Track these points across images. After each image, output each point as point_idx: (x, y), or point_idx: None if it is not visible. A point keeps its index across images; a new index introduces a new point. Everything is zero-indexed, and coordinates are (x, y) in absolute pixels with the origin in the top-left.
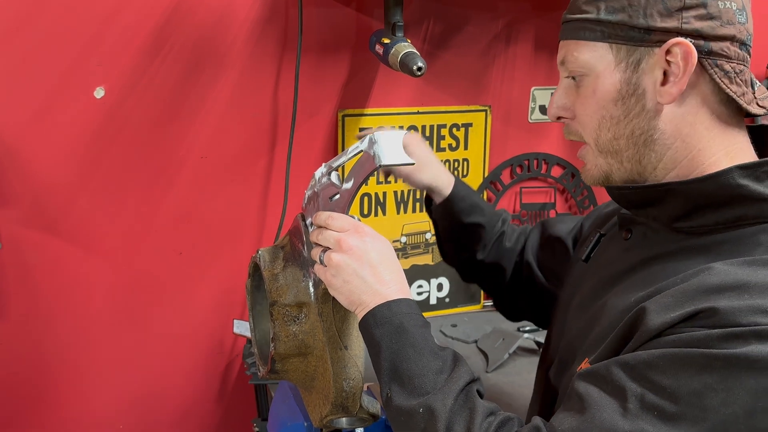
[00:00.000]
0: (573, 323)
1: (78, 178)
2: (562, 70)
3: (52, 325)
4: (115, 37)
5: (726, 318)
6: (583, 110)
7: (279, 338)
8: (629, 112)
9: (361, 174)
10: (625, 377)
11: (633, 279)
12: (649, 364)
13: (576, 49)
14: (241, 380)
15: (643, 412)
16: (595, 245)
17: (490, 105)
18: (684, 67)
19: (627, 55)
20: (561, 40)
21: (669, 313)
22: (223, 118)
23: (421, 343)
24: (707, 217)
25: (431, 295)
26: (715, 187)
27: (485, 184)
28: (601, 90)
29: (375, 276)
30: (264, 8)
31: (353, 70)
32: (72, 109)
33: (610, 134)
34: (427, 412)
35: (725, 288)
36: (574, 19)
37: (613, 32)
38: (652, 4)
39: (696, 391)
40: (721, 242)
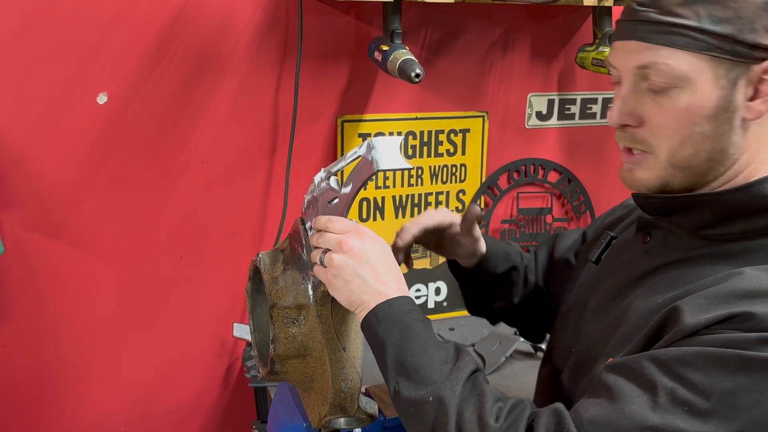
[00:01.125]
0: (590, 327)
1: (81, 182)
2: (634, 74)
3: (55, 327)
4: (118, 43)
5: (762, 323)
6: (665, 122)
7: (278, 340)
8: (719, 128)
9: (359, 179)
10: (657, 371)
11: (656, 281)
12: (681, 360)
13: (671, 57)
14: (240, 383)
15: (673, 407)
16: (606, 247)
17: (488, 111)
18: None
19: (728, 71)
20: (636, 41)
21: (703, 314)
22: (224, 123)
23: (424, 336)
24: (736, 226)
25: (429, 299)
26: (748, 197)
27: (482, 189)
28: (697, 106)
29: (375, 276)
30: (265, 16)
31: (352, 76)
32: (75, 114)
33: (692, 150)
34: (437, 401)
35: (759, 294)
36: (665, 22)
37: (718, 45)
38: (759, 18)
39: (729, 390)
40: (747, 250)
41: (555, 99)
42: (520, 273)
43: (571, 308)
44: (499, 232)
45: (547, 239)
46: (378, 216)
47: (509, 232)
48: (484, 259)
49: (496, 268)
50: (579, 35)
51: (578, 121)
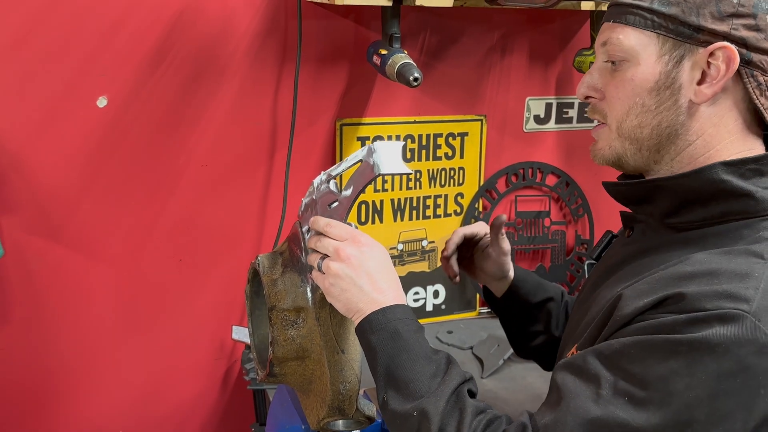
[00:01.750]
0: (572, 318)
1: (81, 185)
2: (601, 52)
3: (54, 330)
4: (118, 47)
5: (692, 303)
6: (615, 93)
7: (277, 342)
8: (661, 104)
9: (360, 182)
10: (600, 366)
11: (624, 271)
12: (620, 353)
13: (622, 33)
14: (239, 386)
15: (614, 398)
16: (606, 246)
17: (486, 115)
18: (725, 71)
19: (672, 48)
20: (605, 22)
21: (642, 299)
22: (223, 127)
23: (416, 347)
24: (695, 213)
25: (427, 302)
26: (700, 182)
27: (481, 192)
28: (640, 77)
29: (372, 284)
30: (264, 20)
31: (351, 80)
32: (75, 118)
33: (636, 121)
34: (421, 415)
35: (696, 275)
36: (624, 3)
37: (663, 24)
38: (706, 4)
39: (662, 376)
40: (706, 236)
41: (553, 102)
42: (558, 305)
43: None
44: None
45: None
46: (377, 219)
47: (507, 235)
48: (515, 285)
49: (530, 296)
50: (576, 39)
51: (576, 125)
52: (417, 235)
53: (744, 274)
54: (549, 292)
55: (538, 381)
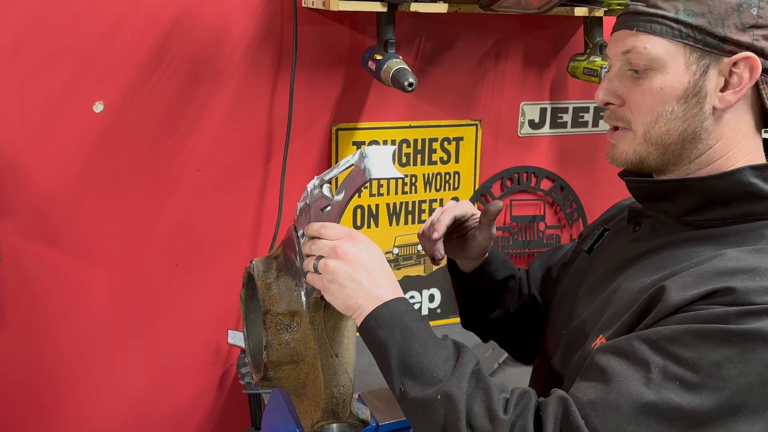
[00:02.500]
0: (581, 308)
1: (77, 190)
2: (621, 59)
3: (51, 334)
4: (115, 52)
5: (742, 297)
6: (641, 101)
7: (271, 346)
8: (688, 111)
9: (351, 187)
10: (648, 350)
11: (644, 264)
12: (670, 339)
13: (648, 42)
14: (235, 390)
15: (666, 382)
16: (599, 238)
17: (481, 119)
18: (748, 79)
19: (699, 58)
20: (624, 30)
21: (688, 291)
22: (219, 131)
23: (425, 335)
24: (716, 212)
25: (423, 306)
26: (729, 184)
27: (476, 196)
28: (669, 87)
29: (370, 280)
30: (260, 25)
31: (347, 85)
32: (72, 122)
33: (664, 128)
34: (445, 398)
35: (739, 271)
36: (647, 12)
37: (690, 34)
38: (730, 16)
39: (716, 362)
40: (728, 234)
41: (547, 107)
42: (516, 282)
43: (563, 296)
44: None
45: (542, 254)
46: (372, 223)
47: (503, 239)
48: (486, 263)
49: (497, 274)
50: (570, 45)
51: (570, 129)
52: (412, 239)
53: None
54: (511, 269)
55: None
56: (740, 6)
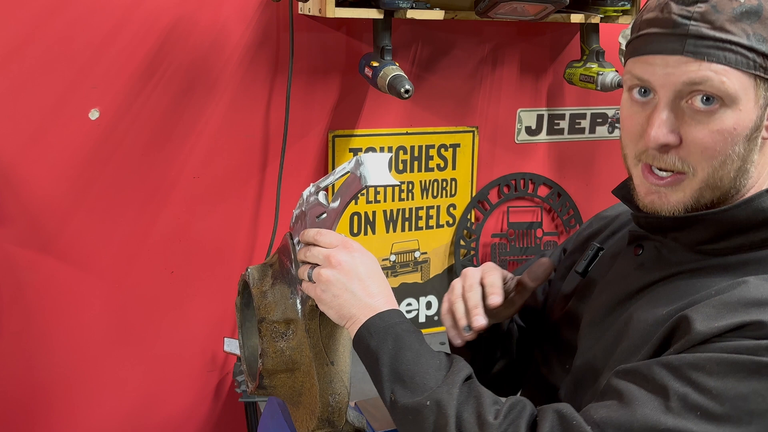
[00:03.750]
0: (587, 342)
1: (72, 198)
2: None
3: (45, 343)
4: (110, 60)
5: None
6: (709, 142)
7: (267, 354)
8: (752, 149)
9: (347, 194)
10: (669, 376)
11: (655, 294)
12: (694, 366)
13: (725, 75)
14: (231, 398)
15: (686, 411)
16: (593, 258)
17: (478, 126)
18: None
19: (766, 90)
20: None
21: (714, 322)
22: (215, 139)
23: (417, 345)
24: (733, 241)
25: (420, 313)
26: (749, 212)
27: (473, 203)
28: (741, 126)
29: (364, 290)
30: (256, 33)
31: (343, 92)
32: (67, 130)
33: (728, 170)
34: (435, 405)
35: (765, 302)
36: (717, 38)
37: (762, 64)
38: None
39: (743, 395)
40: (746, 262)
41: (544, 114)
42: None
43: (560, 323)
44: (489, 246)
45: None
46: (369, 230)
47: (500, 246)
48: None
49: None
50: (567, 51)
51: (567, 136)
52: (409, 246)
53: None
54: None
55: None
56: None
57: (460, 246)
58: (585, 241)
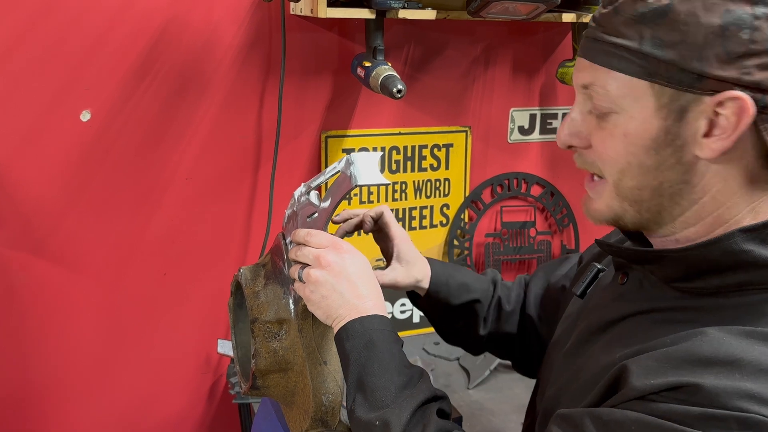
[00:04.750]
0: (560, 373)
1: (65, 199)
2: (581, 94)
3: (38, 346)
4: (103, 61)
5: (709, 398)
6: (603, 148)
7: (260, 354)
8: (662, 163)
9: (338, 194)
10: (594, 430)
11: (621, 331)
12: (620, 425)
13: (607, 80)
14: (225, 400)
15: None
16: (593, 280)
17: (470, 126)
18: (736, 123)
19: (671, 100)
20: (584, 58)
21: (651, 378)
22: (208, 140)
23: (388, 358)
24: (708, 281)
25: (414, 314)
26: (718, 253)
27: (466, 203)
28: (634, 135)
29: (353, 291)
30: (248, 33)
31: (336, 92)
32: (59, 132)
33: (633, 182)
34: (383, 426)
35: (715, 362)
36: (605, 41)
37: (657, 71)
38: (710, 45)
39: None
40: (722, 307)
41: (537, 114)
42: (484, 305)
43: (554, 345)
44: (483, 246)
45: (545, 266)
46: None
47: (493, 245)
48: (432, 291)
49: (450, 299)
50: (559, 51)
51: None
52: None
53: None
54: (474, 293)
55: (524, 392)
56: (726, 30)
57: (453, 246)
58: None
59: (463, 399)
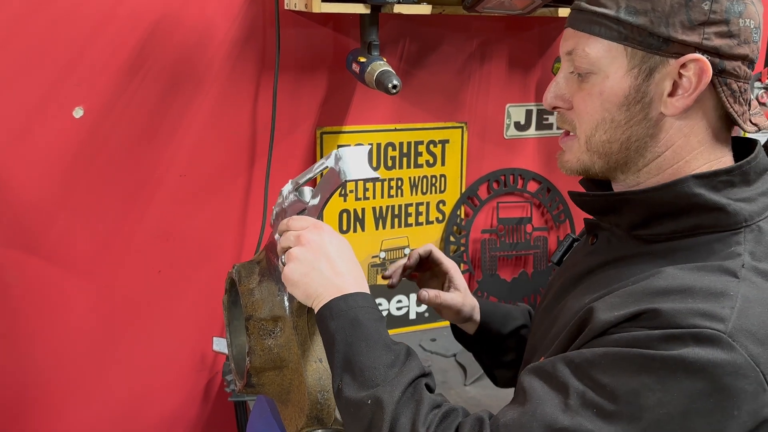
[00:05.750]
0: (538, 326)
1: (57, 197)
2: (566, 60)
3: (31, 345)
4: (95, 57)
5: (667, 319)
6: (583, 106)
7: (254, 352)
8: (631, 118)
9: (327, 190)
10: (569, 374)
11: (590, 281)
12: (591, 363)
13: (587, 44)
14: (221, 397)
15: (583, 409)
16: (568, 249)
17: (466, 122)
18: (696, 83)
19: (641, 61)
20: (570, 28)
21: (614, 312)
22: (202, 136)
23: (375, 336)
24: (665, 226)
25: (410, 310)
26: (671, 196)
27: (463, 199)
28: (608, 92)
29: (332, 269)
30: (242, 28)
31: (331, 88)
32: (51, 128)
33: (605, 136)
34: (375, 404)
35: (671, 291)
36: (589, 11)
37: (630, 35)
38: (676, 13)
39: (634, 390)
40: (676, 249)
41: (533, 109)
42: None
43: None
44: (479, 242)
45: None
46: (358, 227)
47: (490, 241)
48: (484, 323)
49: (501, 329)
50: (555, 46)
51: (556, 131)
52: (399, 242)
53: (719, 293)
54: (518, 319)
55: None
56: (690, 0)
57: (450, 242)
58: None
59: (460, 395)
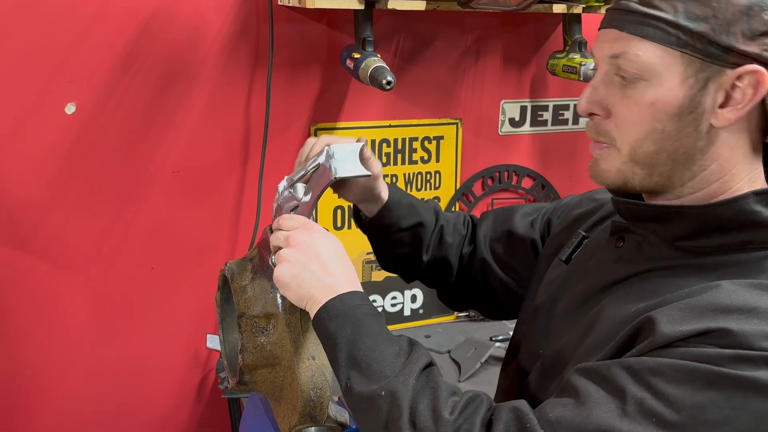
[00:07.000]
0: (560, 330)
1: (49, 194)
2: (608, 63)
3: (24, 342)
4: (87, 53)
5: (738, 340)
6: (629, 115)
7: (247, 349)
8: (682, 129)
9: (318, 186)
10: (628, 378)
11: (628, 289)
12: (654, 370)
13: (640, 48)
14: (215, 394)
15: (641, 417)
16: (578, 246)
17: (461, 118)
18: (752, 95)
19: (698, 70)
20: (613, 29)
21: (678, 326)
22: (195, 133)
23: (377, 330)
24: (712, 239)
25: (405, 307)
26: (732, 212)
27: (457, 196)
28: (661, 101)
29: (323, 269)
30: (235, 25)
31: (325, 84)
32: (44, 125)
33: (653, 147)
34: (390, 395)
35: (735, 309)
36: (641, 12)
37: (690, 42)
38: (737, 21)
39: (700, 404)
40: (725, 264)
41: (527, 105)
42: (428, 230)
43: (539, 308)
44: None
45: (496, 211)
46: (353, 224)
47: None
48: (387, 208)
49: (401, 221)
50: (550, 42)
51: (551, 128)
52: None
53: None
54: (421, 216)
55: None
56: (750, 9)
57: None
58: (573, 222)
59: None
